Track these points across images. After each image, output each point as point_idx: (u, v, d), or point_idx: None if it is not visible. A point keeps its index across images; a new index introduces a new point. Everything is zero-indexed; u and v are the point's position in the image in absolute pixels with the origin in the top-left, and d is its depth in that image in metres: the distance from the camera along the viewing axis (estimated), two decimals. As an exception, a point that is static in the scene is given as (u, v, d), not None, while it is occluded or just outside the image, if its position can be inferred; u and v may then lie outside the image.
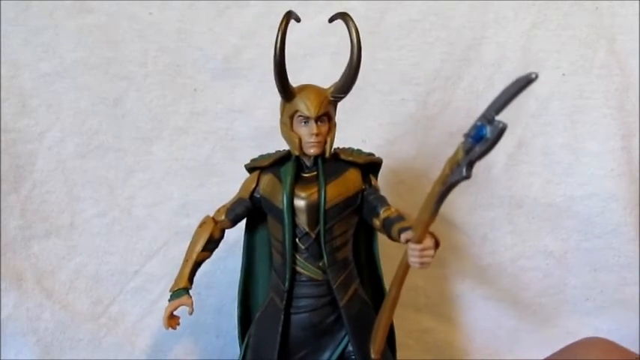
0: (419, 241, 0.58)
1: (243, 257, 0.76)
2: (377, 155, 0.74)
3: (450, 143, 0.99)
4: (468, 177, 0.50)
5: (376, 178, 0.73)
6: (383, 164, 0.74)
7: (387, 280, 0.77)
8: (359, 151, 0.73)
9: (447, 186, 0.52)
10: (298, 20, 0.64)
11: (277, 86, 0.65)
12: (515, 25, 0.98)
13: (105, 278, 0.97)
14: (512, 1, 0.97)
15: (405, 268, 0.61)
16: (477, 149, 0.48)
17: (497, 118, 0.46)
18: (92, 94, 0.95)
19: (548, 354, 0.81)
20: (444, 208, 0.98)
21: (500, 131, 0.45)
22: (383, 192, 0.73)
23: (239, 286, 0.76)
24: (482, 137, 0.47)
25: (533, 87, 1.11)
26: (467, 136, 0.49)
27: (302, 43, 0.94)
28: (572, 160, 0.98)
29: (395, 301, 0.62)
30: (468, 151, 0.49)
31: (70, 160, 0.95)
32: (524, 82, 0.43)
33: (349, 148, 0.73)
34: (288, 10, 0.63)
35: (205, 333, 1.00)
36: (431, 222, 0.56)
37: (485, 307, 1.02)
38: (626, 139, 0.98)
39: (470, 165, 0.49)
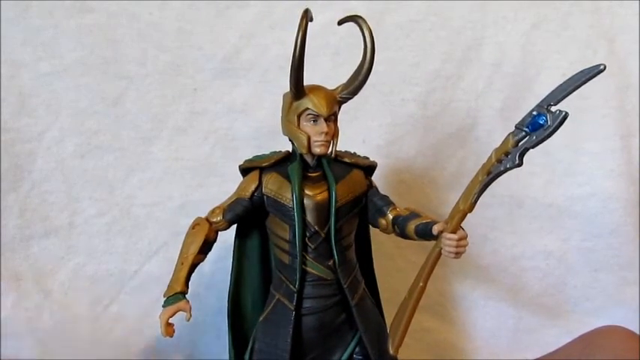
0: (453, 232, 0.60)
1: (233, 260, 0.74)
2: (377, 155, 0.74)
3: (449, 143, 1.00)
4: (520, 164, 0.52)
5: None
6: (383, 164, 0.74)
7: (386, 285, 0.77)
8: (357, 155, 0.73)
9: (494, 174, 0.54)
10: (311, 20, 0.63)
11: (292, 83, 0.64)
12: (515, 25, 0.98)
13: (104, 278, 0.97)
14: (512, 1, 0.97)
15: (435, 259, 0.61)
16: (535, 137, 0.50)
17: (555, 107, 0.48)
18: (92, 93, 0.95)
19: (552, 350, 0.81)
20: (444, 207, 0.99)
21: (562, 119, 0.48)
22: (383, 192, 0.73)
23: (229, 289, 0.74)
24: (541, 125, 0.50)
25: (532, 87, 1.12)
26: (520, 125, 0.51)
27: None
28: (572, 160, 0.98)
29: (422, 293, 0.63)
30: (519, 141, 0.51)
31: (69, 160, 0.95)
32: (591, 74, 0.46)
33: (347, 151, 0.73)
34: (305, 8, 0.63)
35: (205, 334, 0.99)
36: (469, 211, 0.57)
37: (485, 307, 1.02)
38: (626, 139, 0.98)
39: (523, 153, 0.52)
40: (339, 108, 0.69)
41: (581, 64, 0.98)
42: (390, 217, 0.69)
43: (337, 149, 0.70)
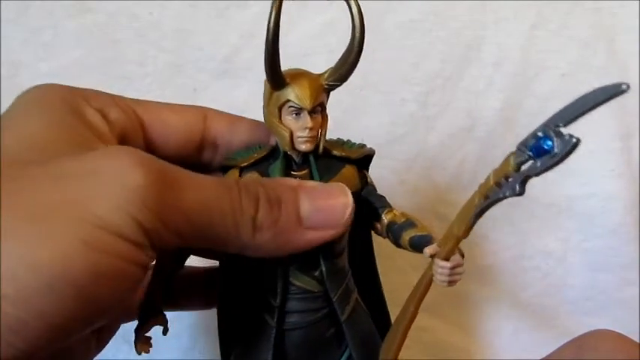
0: (446, 258, 0.53)
1: (220, 265, 0.66)
2: (376, 155, 0.66)
3: (449, 143, 1.00)
4: (521, 194, 0.44)
5: (368, 171, 0.65)
6: (383, 164, 0.72)
7: (386, 285, 0.76)
8: (350, 144, 0.64)
9: (491, 200, 0.47)
10: None
11: (267, 72, 0.58)
12: (515, 26, 0.98)
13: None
14: (512, 1, 0.97)
15: (427, 284, 0.55)
16: (539, 164, 0.42)
17: (566, 130, 0.40)
18: (92, 94, 0.95)
19: (548, 354, 0.81)
20: (444, 207, 1.00)
21: (573, 147, 0.40)
22: (384, 193, 0.68)
23: (218, 295, 0.66)
24: (546, 151, 0.41)
25: (532, 87, 1.12)
26: (523, 147, 0.43)
27: (301, 44, 0.94)
28: (572, 160, 0.98)
29: (413, 318, 0.57)
30: (521, 164, 0.43)
31: (69, 160, 0.95)
32: (611, 93, 0.37)
33: (338, 140, 0.64)
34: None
35: (205, 334, 0.99)
36: (464, 237, 0.51)
37: (485, 307, 1.02)
38: (626, 139, 0.98)
39: (525, 181, 0.44)
40: (328, 96, 0.61)
41: (581, 64, 0.99)
42: (385, 221, 0.61)
43: (330, 138, 0.62)
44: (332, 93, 0.62)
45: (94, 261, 0.38)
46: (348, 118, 0.94)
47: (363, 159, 0.64)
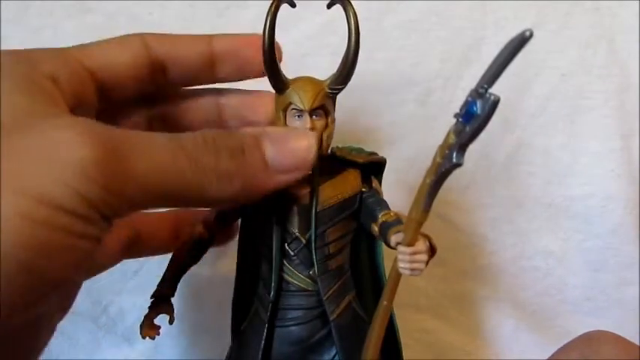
0: (410, 244, 0.52)
1: (238, 258, 0.69)
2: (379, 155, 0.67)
3: (449, 143, 1.00)
4: (459, 164, 0.43)
5: (380, 180, 0.66)
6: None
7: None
8: (359, 150, 0.66)
9: (438, 176, 0.45)
10: (293, 5, 0.59)
11: (267, 76, 0.59)
12: (515, 26, 0.98)
13: (104, 278, 0.96)
14: (512, 1, 0.97)
15: (395, 275, 0.54)
16: (468, 129, 0.41)
17: (490, 90, 0.39)
18: (92, 93, 0.95)
19: (548, 354, 0.81)
20: (444, 207, 0.99)
21: (492, 105, 0.39)
22: (383, 193, 0.68)
23: (234, 289, 0.69)
24: (473, 115, 0.40)
25: (532, 87, 1.12)
26: (457, 116, 0.42)
27: (301, 44, 0.94)
28: (572, 160, 0.98)
29: (386, 313, 0.56)
30: (459, 134, 0.42)
31: (69, 160, 0.95)
32: (518, 43, 0.37)
33: (348, 147, 0.66)
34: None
35: (205, 333, 0.99)
36: (423, 220, 0.50)
37: (485, 307, 1.02)
38: (626, 139, 0.98)
39: (461, 149, 0.42)
40: (334, 101, 0.63)
41: (581, 64, 0.99)
42: (380, 222, 0.61)
43: (341, 145, 0.64)
44: (331, 94, 0.64)
45: (34, 235, 0.38)
46: (349, 118, 0.94)
47: (370, 165, 0.64)
